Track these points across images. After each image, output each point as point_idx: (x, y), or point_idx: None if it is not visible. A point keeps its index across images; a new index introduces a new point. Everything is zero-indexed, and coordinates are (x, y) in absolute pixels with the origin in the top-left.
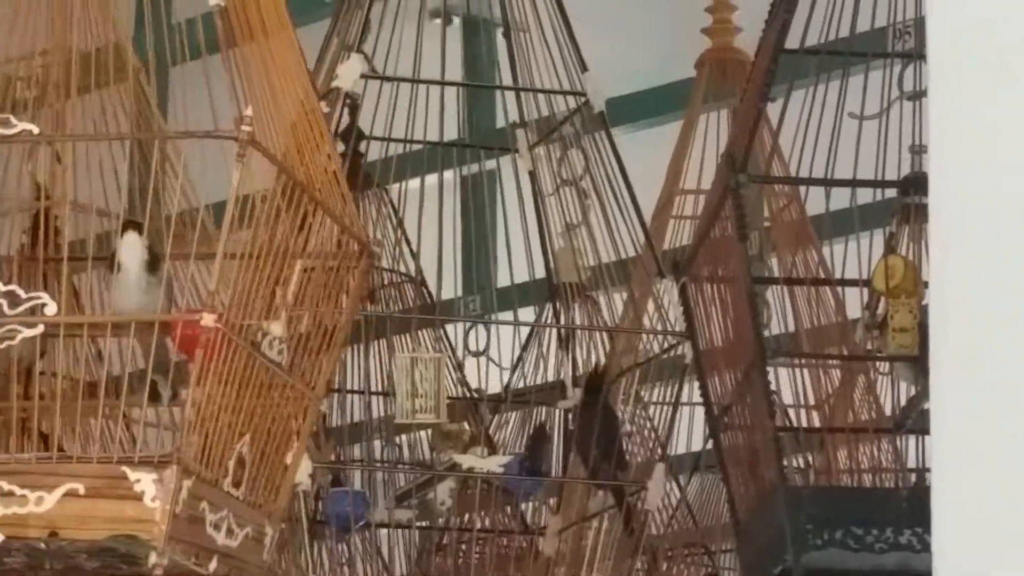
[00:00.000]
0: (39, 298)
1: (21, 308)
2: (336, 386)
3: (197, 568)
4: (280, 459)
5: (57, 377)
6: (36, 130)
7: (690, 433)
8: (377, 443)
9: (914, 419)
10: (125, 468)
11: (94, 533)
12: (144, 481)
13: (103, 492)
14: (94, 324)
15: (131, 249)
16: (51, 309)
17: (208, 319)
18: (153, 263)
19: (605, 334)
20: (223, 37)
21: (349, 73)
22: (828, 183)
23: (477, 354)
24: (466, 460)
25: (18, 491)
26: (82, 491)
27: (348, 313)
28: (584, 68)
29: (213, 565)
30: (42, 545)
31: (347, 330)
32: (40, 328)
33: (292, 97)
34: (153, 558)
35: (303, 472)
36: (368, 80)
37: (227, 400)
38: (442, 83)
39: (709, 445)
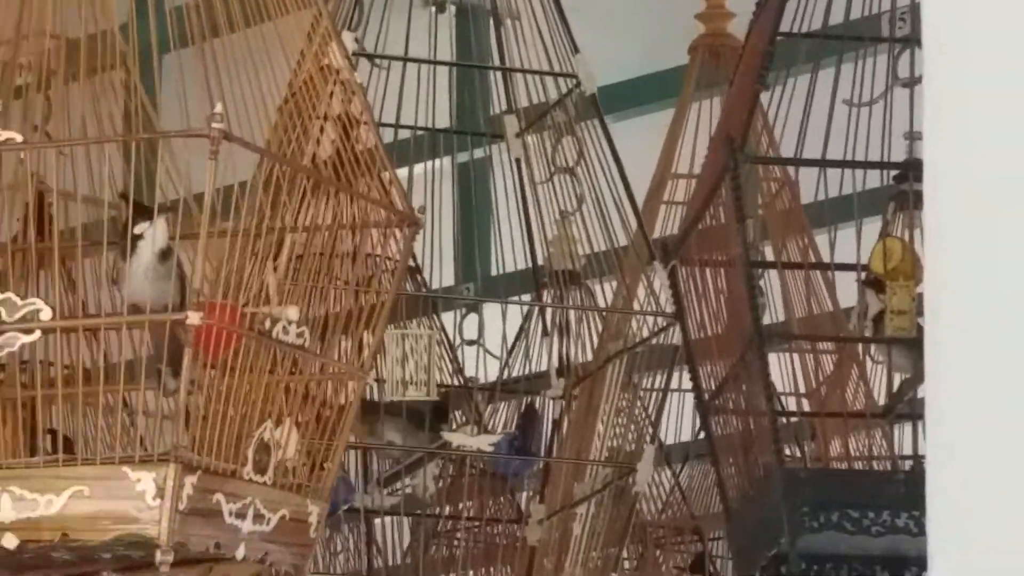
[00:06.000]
0: (33, 304)
1: (18, 315)
2: None
3: (222, 556)
4: (321, 438)
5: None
6: (19, 138)
7: (679, 421)
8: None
9: (906, 404)
10: (126, 468)
11: (103, 533)
12: (144, 481)
13: (108, 493)
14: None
15: (156, 237)
16: (46, 314)
17: (194, 318)
18: (167, 253)
19: (597, 321)
20: (195, 25)
21: None
22: (824, 164)
23: (472, 343)
24: (455, 438)
25: (28, 495)
26: (87, 492)
27: (396, 285)
28: (576, 51)
29: (241, 552)
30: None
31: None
32: (38, 334)
33: (306, 76)
34: (158, 556)
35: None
36: (359, 65)
37: (238, 391)
38: (431, 62)
39: (701, 435)
